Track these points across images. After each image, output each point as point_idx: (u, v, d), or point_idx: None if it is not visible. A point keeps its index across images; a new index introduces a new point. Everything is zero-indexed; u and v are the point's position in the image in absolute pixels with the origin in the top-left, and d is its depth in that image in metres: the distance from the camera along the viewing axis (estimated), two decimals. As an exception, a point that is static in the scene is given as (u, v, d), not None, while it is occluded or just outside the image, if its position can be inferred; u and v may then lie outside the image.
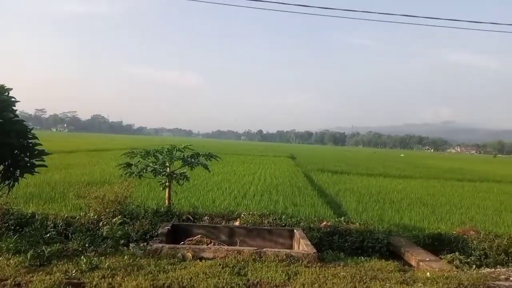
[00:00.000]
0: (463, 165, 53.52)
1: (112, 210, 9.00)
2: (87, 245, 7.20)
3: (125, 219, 8.71)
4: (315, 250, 7.42)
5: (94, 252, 6.81)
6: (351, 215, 12.27)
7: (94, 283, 5.39)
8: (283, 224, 10.01)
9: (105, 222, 8.35)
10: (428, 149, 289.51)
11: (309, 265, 6.88)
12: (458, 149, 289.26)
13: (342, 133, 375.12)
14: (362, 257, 8.07)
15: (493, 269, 8.17)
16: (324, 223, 10.27)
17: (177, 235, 8.67)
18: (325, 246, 9.16)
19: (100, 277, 5.57)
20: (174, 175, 10.38)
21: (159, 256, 6.80)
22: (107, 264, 6.10)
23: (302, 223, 10.00)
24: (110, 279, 5.53)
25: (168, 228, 8.46)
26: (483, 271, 7.79)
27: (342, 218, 10.97)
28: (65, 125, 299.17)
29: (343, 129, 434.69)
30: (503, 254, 9.19)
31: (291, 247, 8.95)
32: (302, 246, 7.97)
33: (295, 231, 9.10)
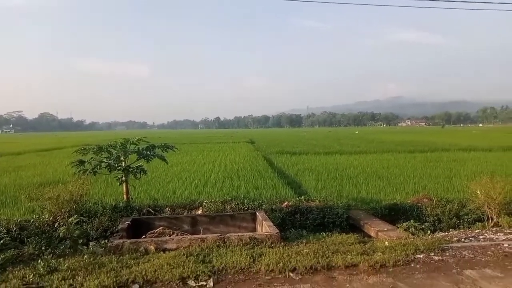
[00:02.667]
0: (414, 137, 55.85)
1: (68, 210, 8.67)
2: (43, 248, 6.93)
3: (82, 217, 8.43)
4: (277, 231, 7.54)
5: (51, 255, 6.56)
6: (311, 193, 12.53)
7: (54, 285, 5.20)
8: (246, 208, 10.09)
9: (61, 223, 8.05)
10: (381, 124, 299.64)
11: (272, 245, 6.98)
12: (409, 123, 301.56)
13: (298, 115, 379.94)
14: (324, 233, 8.30)
15: (446, 233, 8.66)
16: (285, 204, 10.43)
17: (138, 229, 8.52)
18: (287, 226, 9.35)
19: (60, 279, 5.38)
20: (130, 169, 10.13)
21: (120, 252, 6.66)
22: (66, 265, 5.90)
23: (264, 206, 10.10)
24: (71, 280, 5.35)
25: (128, 223, 8.29)
26: (437, 235, 8.23)
27: (303, 197, 11.19)
28: (11, 125, 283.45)
29: (298, 111, 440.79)
30: (454, 217, 9.75)
31: (254, 230, 9.04)
32: (265, 227, 8.06)
33: (257, 213, 9.18)
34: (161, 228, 8.22)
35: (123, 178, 10.15)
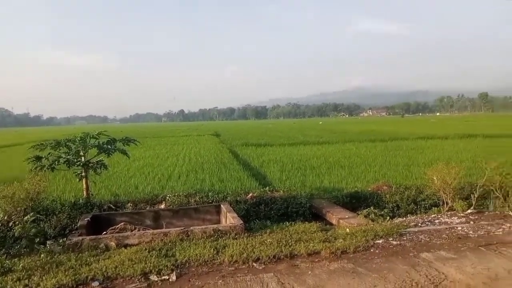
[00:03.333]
0: (375, 127, 57.36)
1: (24, 209, 8.33)
2: (-3, 248, 6.64)
3: (39, 215, 8.14)
4: (241, 222, 7.56)
5: (5, 255, 6.31)
6: (276, 184, 12.65)
7: (8, 287, 5.00)
8: (210, 201, 10.05)
9: (16, 222, 7.72)
10: (343, 115, 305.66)
11: (236, 236, 7.01)
12: (370, 113, 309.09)
13: (263, 106, 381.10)
14: (287, 222, 8.40)
15: (404, 218, 8.98)
16: (250, 195, 10.48)
17: (99, 226, 8.31)
18: (252, 217, 9.40)
19: (14, 280, 5.17)
20: (90, 164, 9.84)
21: (80, 250, 6.49)
22: (21, 265, 5.68)
23: (229, 198, 10.10)
24: (26, 280, 5.15)
25: (88, 220, 8.07)
26: (395, 221, 8.52)
27: (267, 188, 11.28)
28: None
29: (264, 103, 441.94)
30: (412, 203, 10.12)
31: (219, 222, 9.03)
32: (229, 219, 8.07)
33: (221, 206, 9.17)
34: (122, 223, 8.06)
35: (83, 174, 9.86)
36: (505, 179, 9.14)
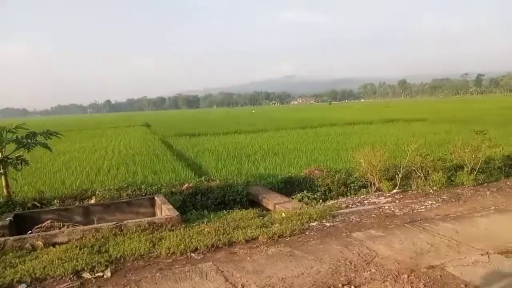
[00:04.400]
0: (305, 115, 59.14)
1: None
2: None
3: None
4: (177, 213, 7.44)
5: None
6: (212, 174, 12.57)
7: None
8: (144, 194, 9.76)
9: None
10: (275, 103, 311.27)
11: (173, 228, 6.89)
12: (300, 101, 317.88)
13: (195, 95, 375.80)
14: (225, 211, 8.41)
15: (336, 200, 9.39)
16: (186, 185, 10.33)
17: (22, 225, 7.73)
18: (189, 208, 9.30)
19: None
20: (9, 160, 9.08)
21: (3, 252, 6.00)
22: None
23: (163, 190, 9.88)
24: None
25: (10, 219, 7.47)
26: (328, 203, 8.89)
27: (203, 178, 11.18)
28: None
29: (195, 92, 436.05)
30: (343, 186, 10.60)
31: (153, 214, 8.81)
32: (164, 211, 7.90)
33: (156, 198, 8.95)
34: (49, 221, 7.55)
35: (1, 171, 9.07)
36: (425, 159, 9.88)
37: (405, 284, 4.63)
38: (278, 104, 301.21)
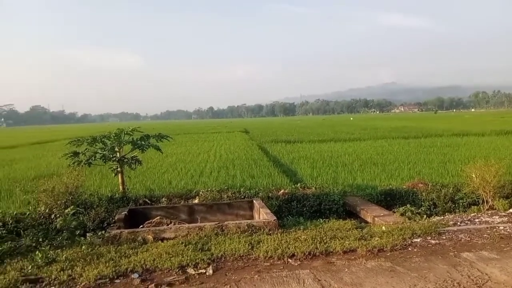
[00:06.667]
0: (408, 123, 56.08)
1: (63, 202, 8.64)
2: (41, 240, 6.89)
3: (78, 209, 8.39)
4: (275, 218, 7.55)
5: (49, 246, 6.52)
6: (307, 181, 12.57)
7: (53, 276, 5.18)
8: (242, 197, 10.10)
9: (57, 215, 8.02)
10: (374, 111, 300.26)
11: (270, 232, 7.00)
12: (402, 109, 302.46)
13: (291, 103, 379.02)
14: (321, 219, 8.33)
15: (442, 217, 8.74)
16: (282, 191, 10.46)
17: (135, 219, 8.50)
18: (284, 213, 9.39)
19: (58, 270, 5.36)
20: (125, 160, 10.07)
21: (118, 242, 6.64)
22: (64, 256, 5.87)
23: (260, 194, 10.12)
24: (70, 270, 5.33)
25: (125, 213, 8.26)
26: (433, 219, 8.30)
27: (299, 185, 11.22)
28: (2, 119, 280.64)
29: (292, 99, 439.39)
30: (450, 202, 9.84)
31: (251, 217, 9.05)
32: (262, 215, 8.07)
33: (254, 201, 9.19)
34: (158, 217, 8.21)
35: (118, 169, 10.09)
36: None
37: (526, 315, 4.13)
38: (378, 112, 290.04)
